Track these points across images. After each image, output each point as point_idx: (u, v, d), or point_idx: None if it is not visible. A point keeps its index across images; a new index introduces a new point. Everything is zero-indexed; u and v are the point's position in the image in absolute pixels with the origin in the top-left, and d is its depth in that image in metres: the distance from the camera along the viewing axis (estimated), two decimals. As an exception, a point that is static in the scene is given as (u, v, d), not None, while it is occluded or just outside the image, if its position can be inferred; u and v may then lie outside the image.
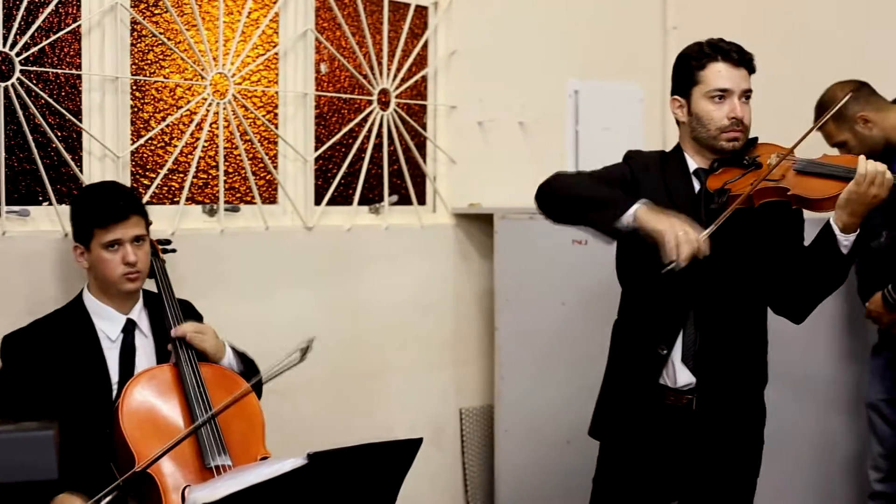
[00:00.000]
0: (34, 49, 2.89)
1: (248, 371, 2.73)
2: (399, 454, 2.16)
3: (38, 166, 2.89)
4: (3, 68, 2.85)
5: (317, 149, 3.57)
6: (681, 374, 2.54)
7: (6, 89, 2.84)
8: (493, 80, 4.02)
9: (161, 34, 3.17)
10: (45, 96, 2.91)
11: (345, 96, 3.66)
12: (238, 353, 2.74)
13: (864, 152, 3.38)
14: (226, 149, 3.32)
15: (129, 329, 2.63)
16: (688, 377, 2.54)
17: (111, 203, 2.59)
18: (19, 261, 2.83)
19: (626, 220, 2.37)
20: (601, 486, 2.70)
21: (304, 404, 3.43)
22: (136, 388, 2.49)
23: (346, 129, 3.64)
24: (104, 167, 3.04)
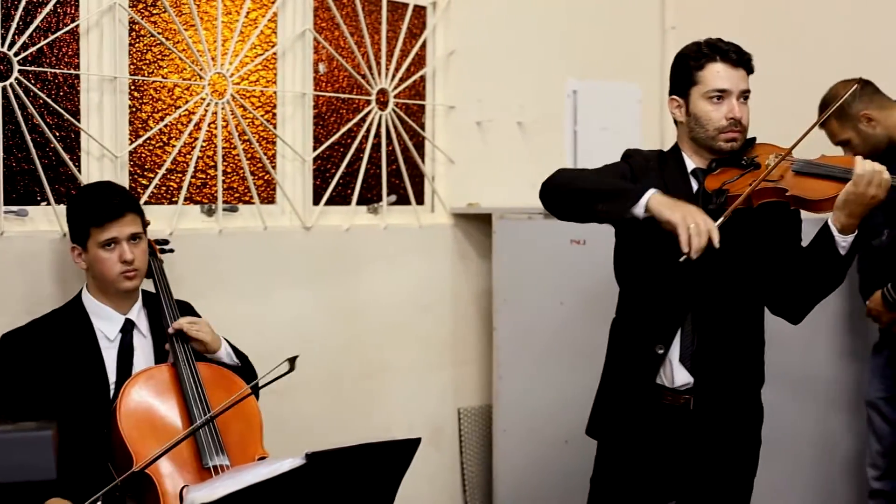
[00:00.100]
0: (32, 49, 2.89)
1: (244, 366, 2.73)
2: (397, 454, 2.16)
3: (37, 166, 2.88)
4: (2, 68, 2.85)
5: (315, 149, 3.56)
6: (678, 374, 2.54)
7: (4, 89, 2.84)
8: (491, 80, 4.02)
9: (159, 34, 3.16)
10: (44, 96, 2.91)
11: (343, 96, 3.66)
12: (233, 347, 2.75)
13: (867, 151, 3.40)
14: (224, 149, 3.32)
15: (128, 329, 2.63)
16: (685, 377, 2.54)
17: (106, 201, 2.59)
18: (17, 261, 2.82)
19: (639, 208, 2.37)
20: (598, 485, 2.69)
21: (303, 404, 3.43)
22: (133, 389, 2.49)
23: (344, 129, 3.64)
24: (102, 167, 3.04)
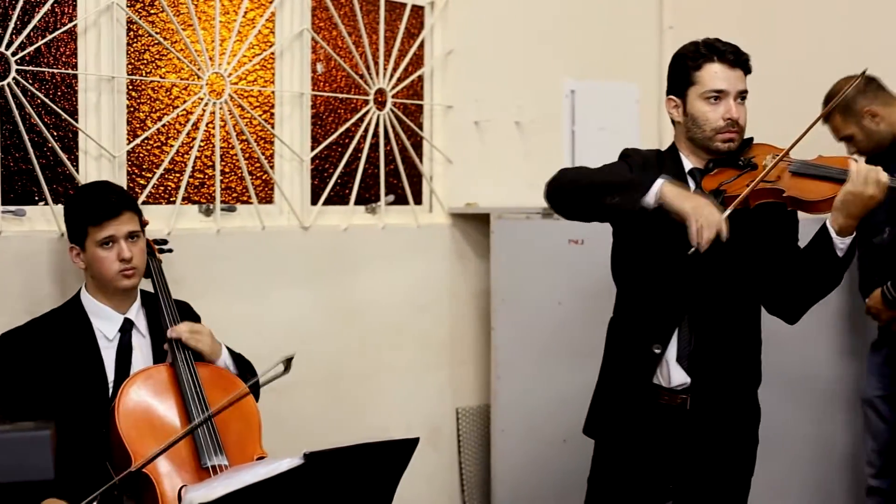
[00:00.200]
0: (30, 49, 2.88)
1: (243, 373, 2.73)
2: (396, 454, 2.16)
3: (35, 166, 2.88)
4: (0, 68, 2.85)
5: (313, 148, 3.56)
6: (675, 374, 2.54)
7: (2, 89, 2.83)
8: (489, 80, 4.02)
9: (157, 34, 3.16)
10: (42, 96, 2.91)
11: (341, 96, 3.66)
12: (234, 355, 2.74)
13: (870, 147, 3.41)
14: (222, 148, 3.32)
15: (127, 329, 2.63)
16: (682, 377, 2.54)
17: (103, 200, 2.59)
18: (16, 261, 2.82)
19: (650, 197, 2.37)
20: (595, 485, 2.69)
21: (301, 404, 3.43)
22: (132, 388, 2.49)
23: (342, 129, 3.64)
24: (100, 167, 3.03)
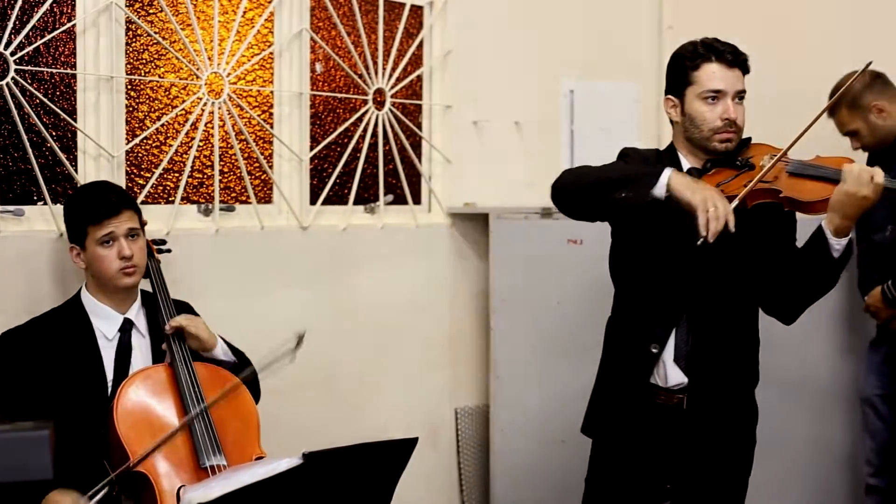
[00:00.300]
0: (29, 48, 2.88)
1: (241, 363, 2.73)
2: (394, 454, 2.16)
3: (33, 166, 2.88)
4: (-2, 68, 2.85)
5: (312, 148, 3.56)
6: (672, 374, 2.53)
7: (1, 89, 2.83)
8: (488, 80, 4.02)
9: (156, 33, 3.16)
10: (40, 96, 2.91)
11: (340, 96, 3.66)
12: (229, 345, 2.75)
13: (874, 143, 3.42)
14: (221, 148, 3.32)
15: (126, 329, 2.63)
16: (679, 377, 2.53)
17: (103, 199, 2.60)
18: (14, 261, 2.82)
19: (660, 188, 2.35)
20: (593, 485, 2.69)
21: (300, 404, 3.43)
22: (130, 388, 2.49)
23: (341, 129, 3.64)
24: (99, 167, 3.03)
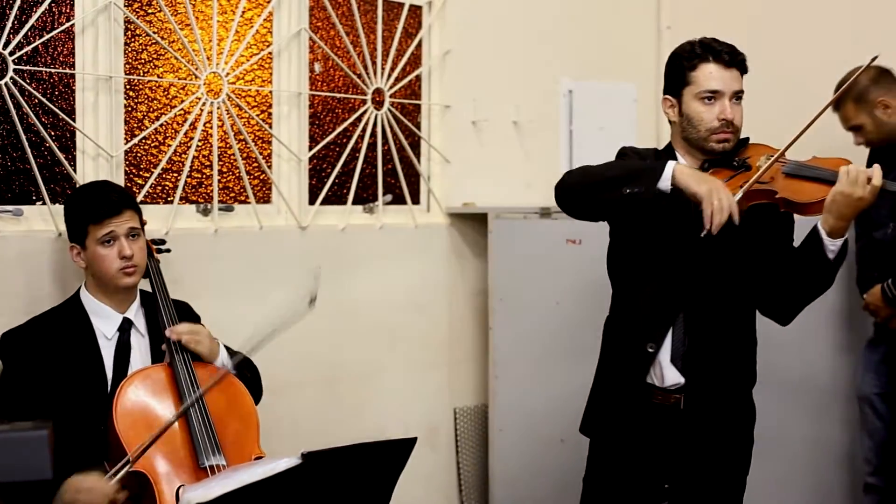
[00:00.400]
0: (27, 48, 2.88)
1: (241, 371, 2.73)
2: (393, 454, 2.16)
3: (32, 166, 2.88)
4: (-3, 68, 2.85)
5: (311, 148, 3.56)
6: (668, 374, 2.53)
7: (-1, 89, 2.84)
8: (487, 80, 4.02)
9: (155, 33, 3.16)
10: (39, 95, 2.91)
11: (339, 96, 3.66)
12: (232, 354, 2.74)
13: (879, 138, 3.42)
14: (220, 148, 3.32)
15: (126, 328, 2.63)
16: (676, 377, 2.53)
17: (104, 199, 2.60)
18: (14, 261, 2.82)
19: (665, 181, 2.36)
20: (591, 485, 2.69)
21: (299, 404, 3.43)
22: (130, 388, 2.49)
23: (340, 129, 3.64)
24: (98, 166, 3.03)
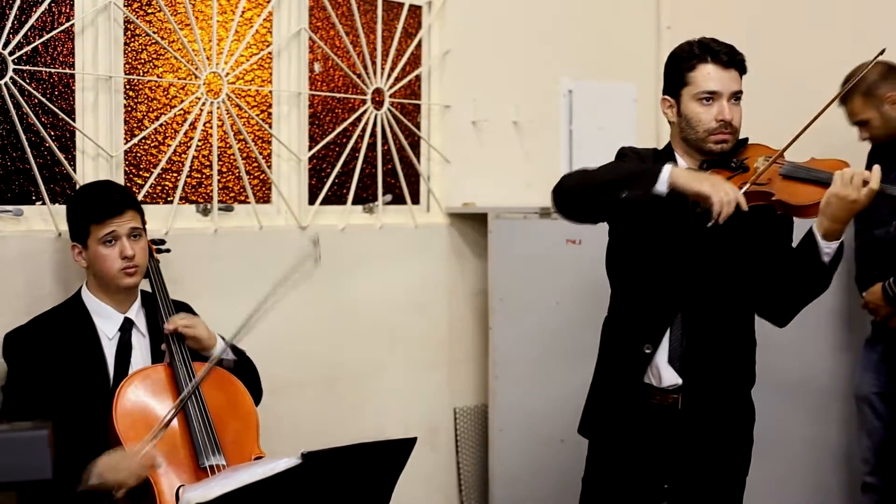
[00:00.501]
0: (27, 48, 2.88)
1: (241, 362, 2.74)
2: (393, 454, 2.16)
3: (32, 166, 2.88)
4: (-3, 68, 2.85)
5: (311, 148, 3.56)
6: (666, 375, 2.53)
7: (-1, 88, 2.84)
8: (486, 80, 4.02)
9: (154, 33, 3.16)
10: (39, 95, 2.91)
11: (339, 95, 3.66)
12: (230, 345, 2.74)
13: (885, 134, 3.43)
14: (219, 148, 3.32)
15: (127, 328, 2.63)
16: (673, 377, 2.52)
17: (107, 198, 2.61)
18: (14, 261, 2.82)
19: (662, 185, 2.35)
20: (589, 485, 2.68)
21: (299, 404, 3.43)
22: (130, 388, 2.50)
23: (339, 129, 3.63)
24: (97, 166, 3.03)
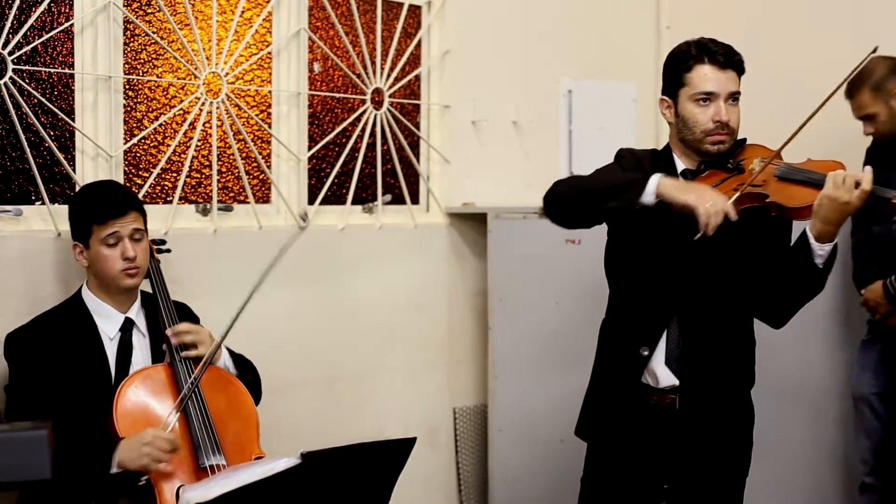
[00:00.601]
0: (27, 48, 2.88)
1: (243, 373, 2.73)
2: (393, 454, 2.16)
3: (31, 166, 2.88)
4: (-4, 67, 2.85)
5: (310, 148, 3.56)
6: (662, 376, 2.52)
7: (-1, 88, 2.84)
8: (486, 80, 4.02)
9: (154, 33, 3.16)
10: (38, 95, 2.90)
11: (338, 95, 3.66)
12: (234, 356, 2.74)
13: (890, 129, 3.42)
14: (219, 148, 3.32)
15: (128, 328, 2.64)
16: (670, 378, 2.52)
17: (109, 199, 2.61)
18: (13, 261, 2.82)
19: (648, 196, 2.35)
20: (588, 486, 2.68)
21: (298, 404, 3.43)
22: (130, 388, 2.50)
23: (339, 129, 3.63)
24: (97, 166, 3.03)
